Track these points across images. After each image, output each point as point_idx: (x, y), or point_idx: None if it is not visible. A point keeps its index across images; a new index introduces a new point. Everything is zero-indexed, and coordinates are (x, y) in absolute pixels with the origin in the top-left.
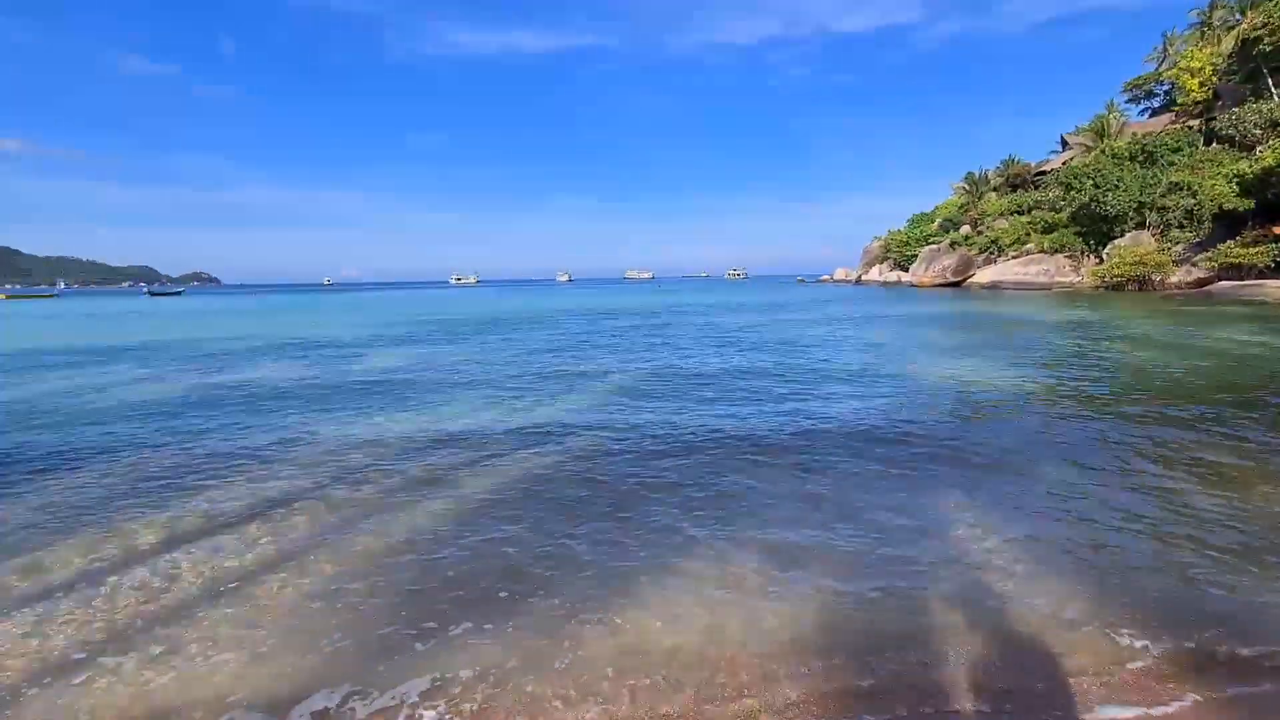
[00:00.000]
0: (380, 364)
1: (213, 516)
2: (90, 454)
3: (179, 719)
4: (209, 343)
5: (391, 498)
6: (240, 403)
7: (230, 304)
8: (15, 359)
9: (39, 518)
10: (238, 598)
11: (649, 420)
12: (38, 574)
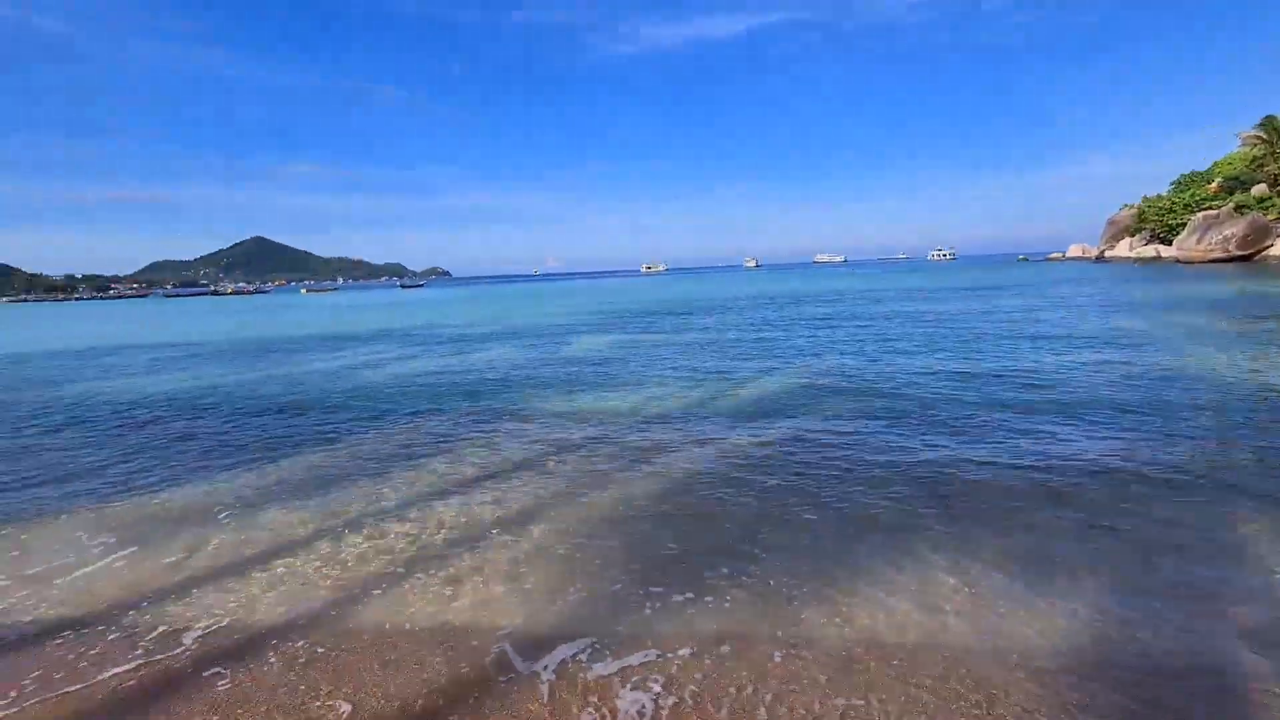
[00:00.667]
0: (587, 346)
1: (472, 472)
2: (380, 416)
3: (464, 635)
4: (448, 328)
5: (614, 468)
6: (480, 378)
7: (461, 294)
8: (322, 341)
9: (343, 466)
10: (501, 544)
11: (852, 409)
12: (340, 515)
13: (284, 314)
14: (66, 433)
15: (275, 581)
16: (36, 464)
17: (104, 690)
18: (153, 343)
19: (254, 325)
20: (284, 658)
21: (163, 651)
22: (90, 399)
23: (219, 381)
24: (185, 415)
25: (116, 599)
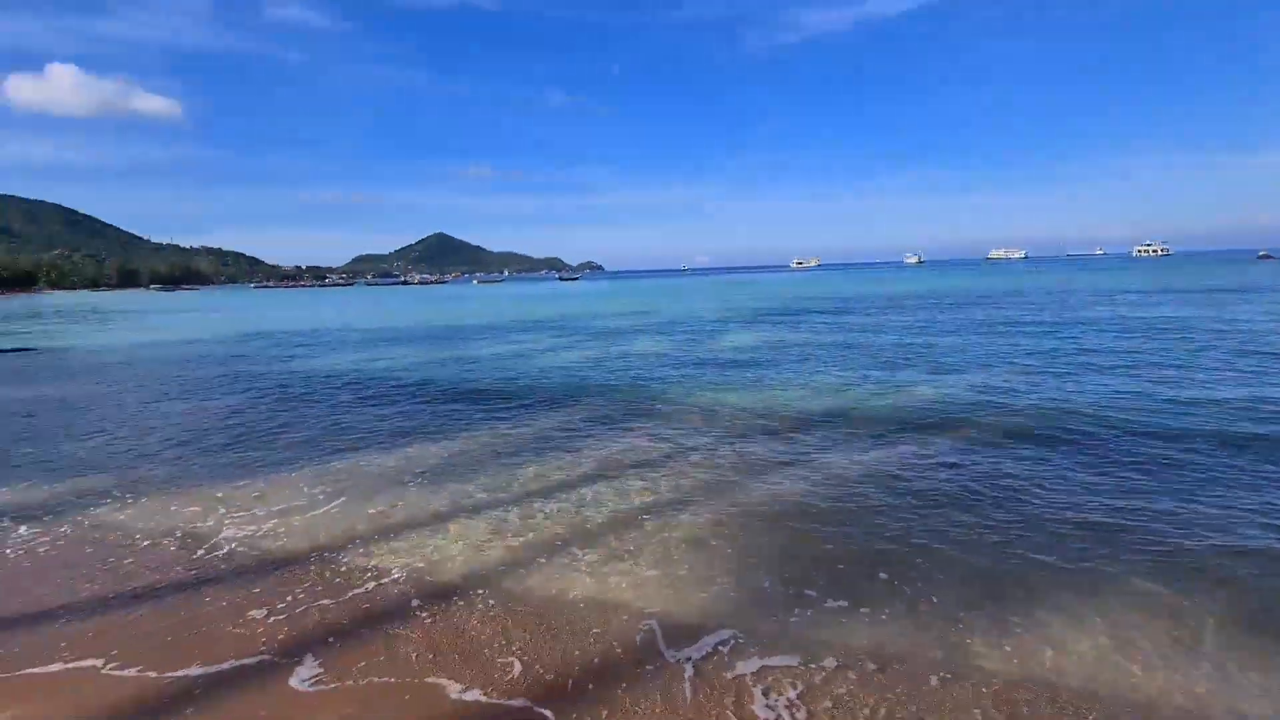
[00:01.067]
0: (735, 342)
1: (624, 458)
2: (540, 400)
3: (616, 613)
4: (601, 319)
5: (764, 465)
6: (629, 368)
7: (613, 287)
8: (491, 328)
9: (509, 444)
10: (653, 530)
11: (1040, 429)
12: (506, 489)
13: (460, 303)
14: (295, 400)
15: (454, 542)
16: (272, 425)
17: (344, 608)
18: (360, 326)
19: (437, 312)
20: (464, 611)
21: (375, 582)
22: (312, 372)
23: (410, 362)
24: (382, 390)
25: (335, 538)
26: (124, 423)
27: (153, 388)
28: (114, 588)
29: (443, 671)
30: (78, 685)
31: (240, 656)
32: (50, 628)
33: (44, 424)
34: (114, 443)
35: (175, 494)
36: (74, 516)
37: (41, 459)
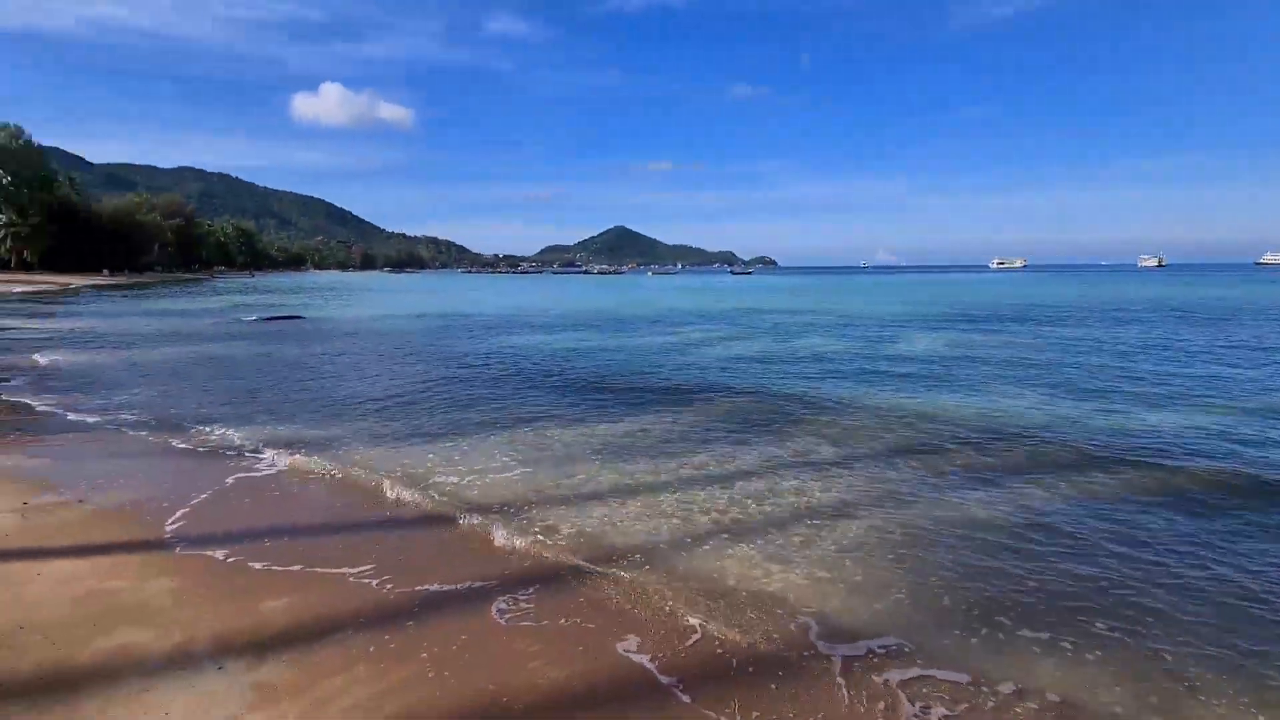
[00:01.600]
0: (921, 344)
1: (795, 454)
2: (712, 389)
3: (777, 603)
4: (774, 315)
5: (951, 476)
6: (804, 364)
7: (787, 282)
8: (664, 316)
9: (682, 429)
10: (825, 529)
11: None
12: (677, 471)
13: (637, 292)
14: (491, 372)
15: (624, 516)
16: (472, 393)
17: (531, 558)
18: (548, 310)
19: (615, 300)
20: (632, 578)
21: (554, 539)
22: (507, 348)
23: (590, 345)
24: (565, 370)
25: (522, 497)
26: (365, 380)
27: (385, 353)
28: (356, 514)
29: (619, 628)
30: (329, 585)
31: (444, 583)
32: (310, 539)
33: (309, 376)
34: (357, 396)
35: (400, 444)
36: (331, 452)
37: (308, 404)
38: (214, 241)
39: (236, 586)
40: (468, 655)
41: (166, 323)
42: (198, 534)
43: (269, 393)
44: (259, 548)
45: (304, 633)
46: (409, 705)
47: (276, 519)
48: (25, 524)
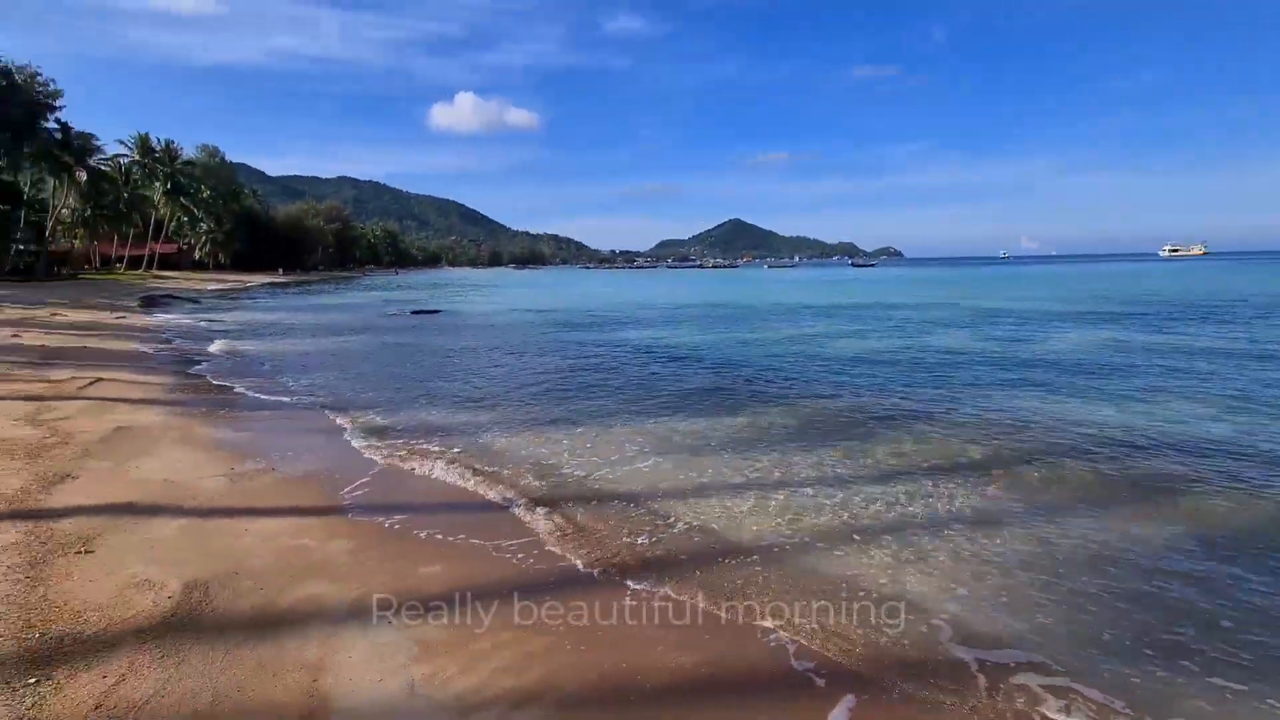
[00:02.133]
0: (1071, 342)
1: (930, 456)
2: (836, 385)
3: (902, 606)
4: (901, 309)
5: (1099, 495)
6: (936, 362)
7: (914, 275)
8: (781, 311)
9: (803, 426)
10: (962, 536)
11: None
12: (799, 466)
13: (753, 286)
14: (614, 365)
15: (748, 510)
16: (597, 385)
17: (656, 542)
18: (664, 304)
19: (731, 295)
20: (759, 569)
21: (678, 528)
22: (628, 341)
23: (706, 339)
24: (685, 363)
25: (649, 486)
26: (499, 370)
27: (515, 344)
28: (498, 494)
29: (745, 619)
30: (476, 557)
31: (578, 563)
32: (458, 514)
33: (450, 366)
34: (493, 384)
35: (535, 430)
36: (473, 436)
37: (451, 391)
38: (365, 242)
39: (399, 551)
40: (600, 632)
41: (328, 316)
42: (367, 503)
43: (417, 380)
44: (417, 519)
45: (455, 597)
46: (551, 671)
47: (430, 495)
48: (232, 487)
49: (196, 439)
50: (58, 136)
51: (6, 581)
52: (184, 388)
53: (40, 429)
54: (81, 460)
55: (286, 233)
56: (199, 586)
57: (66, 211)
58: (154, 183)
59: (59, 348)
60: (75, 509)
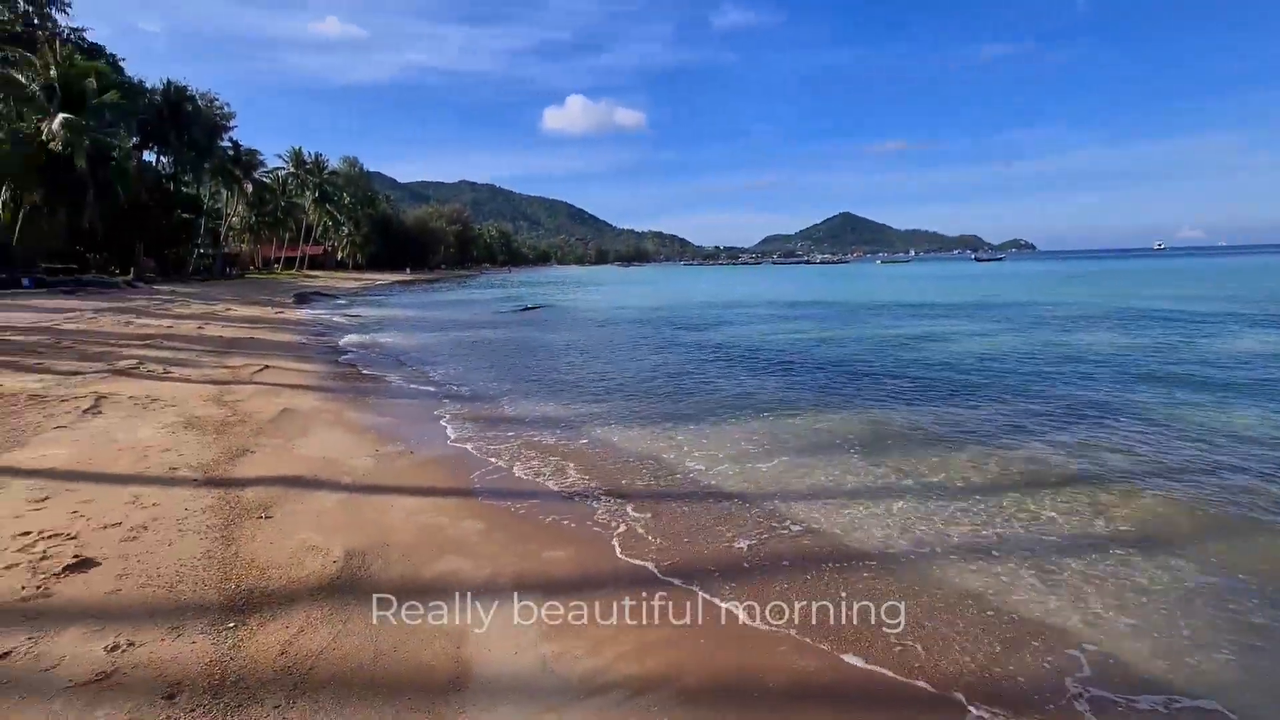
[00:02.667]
0: (1247, 346)
1: (1077, 470)
2: (965, 387)
3: (1033, 629)
4: (1032, 306)
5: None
6: (1081, 364)
7: (1048, 269)
8: (899, 308)
9: (917, 430)
10: (1121, 562)
11: None
12: (934, 474)
13: (863, 281)
14: (722, 361)
15: (867, 514)
16: (707, 381)
17: (767, 545)
18: (771, 300)
19: (840, 291)
20: (873, 580)
21: (790, 530)
22: (735, 339)
23: (818, 336)
24: (795, 360)
25: (763, 484)
26: (610, 364)
27: (624, 340)
28: (614, 486)
29: (842, 632)
30: (594, 546)
31: (690, 561)
32: (577, 504)
33: (564, 359)
34: (606, 377)
35: (644, 427)
36: (589, 427)
37: (566, 384)
38: (482, 242)
39: (524, 535)
40: (715, 631)
41: (451, 311)
42: (493, 488)
43: (533, 372)
44: (538, 505)
45: (577, 582)
46: (669, 663)
47: (549, 484)
48: (378, 466)
49: (346, 422)
50: (230, 153)
51: (208, 539)
52: (333, 375)
53: (224, 409)
54: (257, 437)
55: (414, 235)
56: (357, 554)
57: (236, 219)
58: (305, 192)
59: (233, 338)
60: (255, 479)
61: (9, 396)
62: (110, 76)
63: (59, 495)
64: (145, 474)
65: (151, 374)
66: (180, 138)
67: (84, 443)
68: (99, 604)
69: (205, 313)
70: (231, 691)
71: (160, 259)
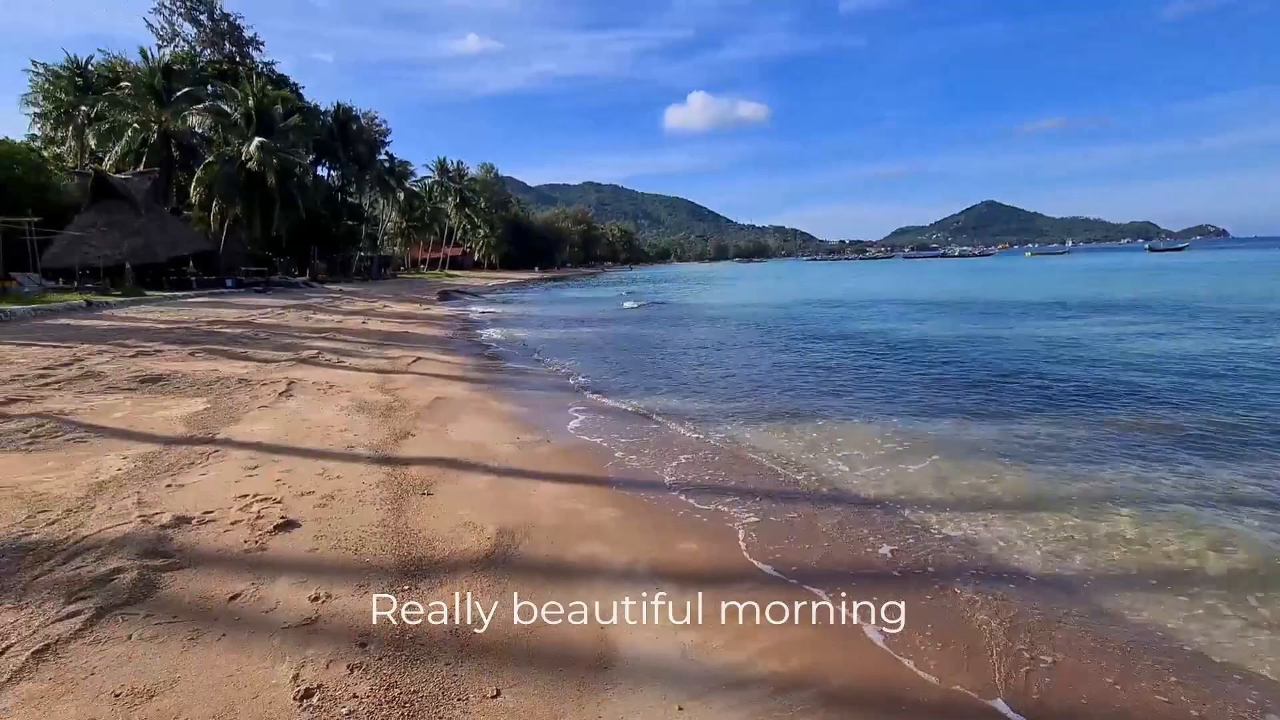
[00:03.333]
0: None
1: (1241, 495)
2: (1124, 393)
3: (1219, 672)
4: (1234, 302)
5: None
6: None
7: (1252, 259)
8: (1046, 307)
9: (1077, 440)
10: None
11: None
12: (1080, 488)
13: (1009, 275)
14: (849, 358)
15: (1022, 531)
16: (835, 379)
17: (905, 558)
18: (905, 295)
19: (982, 286)
20: (1020, 603)
21: (934, 540)
22: (862, 334)
23: (957, 333)
24: (930, 359)
25: (902, 491)
26: (735, 360)
27: (748, 336)
28: (744, 482)
29: (995, 666)
30: (722, 541)
31: (820, 565)
32: (711, 497)
33: (687, 355)
34: (731, 373)
35: (774, 423)
36: (714, 426)
37: (691, 379)
38: (605, 241)
39: (658, 525)
40: (858, 640)
41: (579, 308)
42: (626, 478)
43: (659, 367)
44: (669, 497)
45: (711, 576)
46: (812, 664)
47: (680, 476)
48: (520, 453)
49: (490, 411)
50: (386, 165)
51: (382, 510)
52: (475, 366)
53: (387, 395)
54: (416, 422)
55: (542, 235)
56: (507, 532)
57: (390, 224)
58: (448, 198)
59: (390, 332)
60: (416, 459)
61: (225, 379)
62: (293, 102)
63: (265, 465)
64: (330, 450)
65: (329, 363)
66: (346, 153)
67: (281, 420)
68: (301, 560)
69: (366, 309)
70: (410, 646)
71: (330, 261)
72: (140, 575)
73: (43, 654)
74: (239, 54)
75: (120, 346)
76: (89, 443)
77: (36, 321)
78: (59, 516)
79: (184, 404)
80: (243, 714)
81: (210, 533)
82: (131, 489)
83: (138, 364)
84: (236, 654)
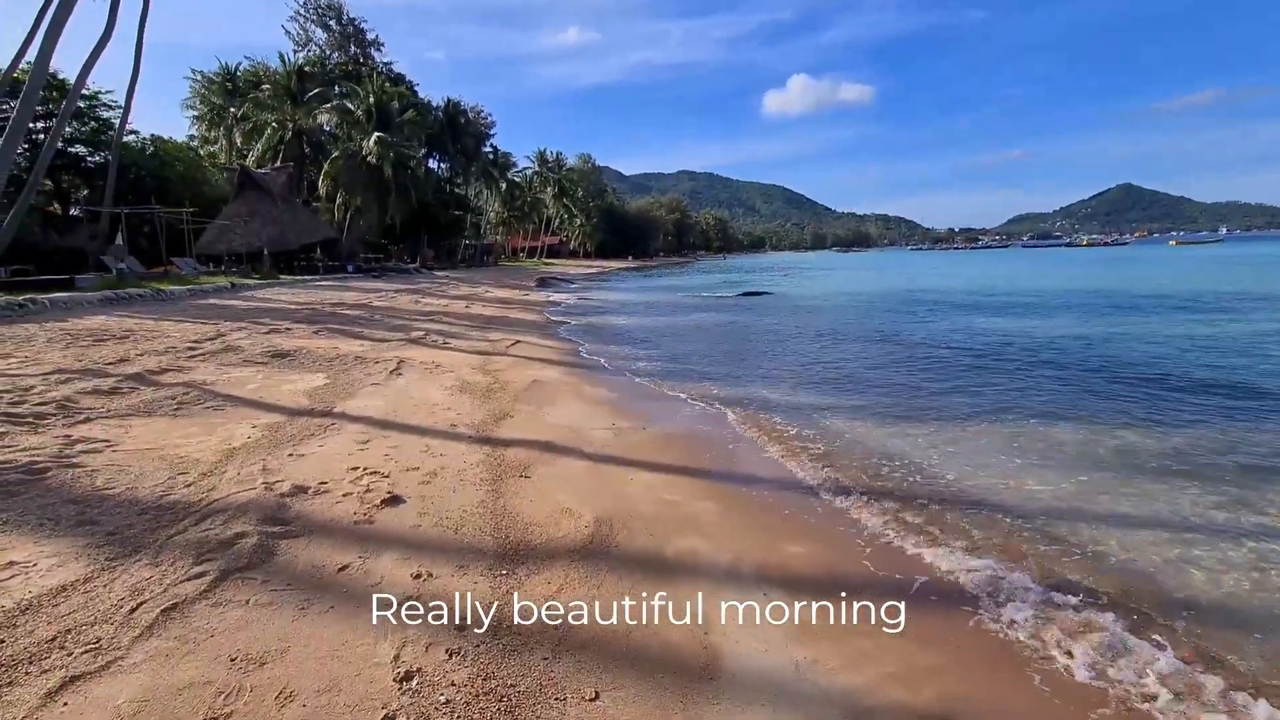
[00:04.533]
0: None
1: None
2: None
3: None
4: None
5: None
6: None
7: None
8: (1195, 300)
9: (1226, 451)
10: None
11: None
12: (1227, 505)
13: (1148, 268)
14: (964, 356)
15: (1189, 551)
16: (945, 379)
17: (1036, 569)
18: (1023, 288)
19: (1116, 279)
20: (1205, 625)
21: (1069, 557)
22: (974, 330)
23: (1085, 331)
24: (1051, 357)
25: (1027, 501)
26: (834, 355)
27: (847, 329)
28: (856, 482)
29: (1205, 687)
30: (835, 545)
31: (930, 577)
32: (810, 498)
33: (785, 347)
34: (830, 368)
35: (878, 423)
36: (816, 421)
37: (788, 373)
38: (699, 230)
39: (762, 523)
40: (998, 667)
41: (672, 296)
42: (724, 471)
43: (754, 358)
44: (771, 494)
45: (824, 584)
46: (949, 695)
47: (784, 471)
48: (616, 439)
49: (585, 395)
50: (491, 157)
51: (481, 490)
52: (571, 351)
53: (488, 377)
54: (514, 404)
55: (636, 224)
56: (605, 521)
57: (493, 214)
58: (546, 188)
59: (491, 316)
60: (515, 441)
61: (344, 356)
62: (409, 99)
63: (375, 440)
64: (434, 428)
65: (435, 344)
66: (454, 145)
67: (390, 397)
68: (405, 536)
69: (470, 294)
70: (507, 635)
71: (438, 249)
72: (260, 541)
73: (171, 612)
74: (362, 55)
75: (256, 324)
76: (225, 411)
77: (190, 301)
78: (195, 479)
79: (307, 378)
80: (345, 691)
81: (324, 503)
82: (258, 456)
83: (270, 340)
84: (342, 627)
